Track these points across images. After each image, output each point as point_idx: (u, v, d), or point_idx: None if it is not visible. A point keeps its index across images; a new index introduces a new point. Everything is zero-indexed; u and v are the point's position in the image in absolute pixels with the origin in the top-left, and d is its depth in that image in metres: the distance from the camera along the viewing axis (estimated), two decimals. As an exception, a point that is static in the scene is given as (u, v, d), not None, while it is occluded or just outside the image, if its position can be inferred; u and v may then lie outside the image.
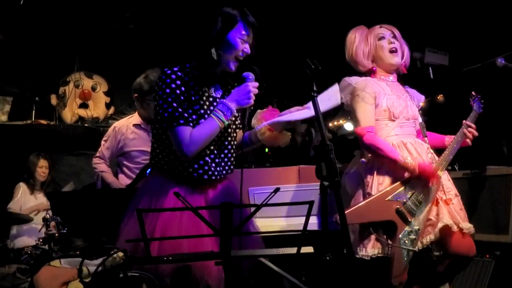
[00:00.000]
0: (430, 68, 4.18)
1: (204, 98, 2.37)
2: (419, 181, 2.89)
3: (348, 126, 6.70)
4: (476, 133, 3.06)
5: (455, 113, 4.40)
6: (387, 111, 2.98)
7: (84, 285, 2.26)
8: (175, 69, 2.31)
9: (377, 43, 3.09)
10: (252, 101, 2.36)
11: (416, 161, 2.88)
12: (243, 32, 2.36)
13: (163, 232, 2.26)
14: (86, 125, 5.72)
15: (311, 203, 1.89)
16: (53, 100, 5.73)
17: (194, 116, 2.31)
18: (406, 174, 2.91)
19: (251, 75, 2.39)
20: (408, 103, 3.06)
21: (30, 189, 5.05)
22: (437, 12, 4.87)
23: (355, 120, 3.04)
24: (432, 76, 4.09)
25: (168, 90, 2.27)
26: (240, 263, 2.38)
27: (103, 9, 5.54)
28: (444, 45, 4.77)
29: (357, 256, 2.85)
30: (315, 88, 2.06)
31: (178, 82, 2.28)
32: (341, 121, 6.76)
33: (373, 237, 2.84)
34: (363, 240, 2.87)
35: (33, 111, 5.55)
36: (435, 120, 3.24)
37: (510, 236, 3.66)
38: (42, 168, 5.07)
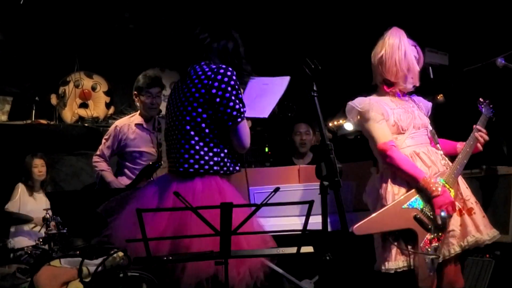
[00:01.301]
0: (430, 68, 4.17)
1: None
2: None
3: (348, 126, 6.69)
4: (487, 138, 3.03)
5: (455, 113, 4.41)
6: (395, 125, 2.95)
7: (84, 285, 2.26)
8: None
9: (412, 62, 3.00)
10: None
11: (440, 188, 2.81)
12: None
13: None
14: (86, 125, 5.71)
15: (311, 203, 1.89)
16: (53, 100, 5.72)
17: None
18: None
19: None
20: (416, 113, 3.03)
21: (29, 190, 5.03)
22: (437, 12, 4.86)
23: (371, 139, 2.98)
24: (432, 76, 4.09)
25: (237, 87, 2.41)
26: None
27: (103, 9, 5.54)
28: (444, 45, 4.76)
29: (382, 271, 2.81)
30: (315, 88, 2.06)
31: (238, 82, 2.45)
32: (341, 121, 6.76)
33: (394, 249, 2.80)
34: (385, 254, 2.82)
35: (33, 111, 5.54)
36: (436, 120, 3.23)
37: (510, 236, 3.66)
38: (37, 167, 5.01)
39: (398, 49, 2.97)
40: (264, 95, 2.62)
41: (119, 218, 2.37)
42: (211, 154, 2.40)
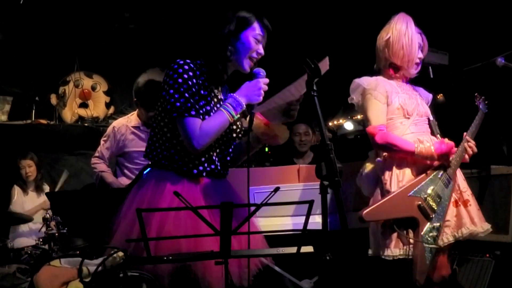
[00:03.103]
0: (430, 67, 4.17)
1: (212, 96, 2.36)
2: (438, 175, 2.91)
3: (348, 126, 6.70)
4: (475, 150, 3.06)
5: (455, 113, 4.40)
6: (400, 109, 2.98)
7: (84, 285, 2.26)
8: (188, 61, 2.29)
9: (416, 48, 3.05)
10: (261, 98, 2.33)
11: (431, 144, 2.89)
12: (257, 32, 2.37)
13: (159, 229, 2.21)
14: (86, 124, 5.71)
15: (311, 203, 1.88)
16: (53, 100, 5.72)
17: (202, 110, 2.29)
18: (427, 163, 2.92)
19: (262, 71, 2.37)
20: (419, 101, 3.07)
21: (24, 190, 5.04)
22: (437, 12, 4.86)
23: (366, 119, 3.01)
24: (432, 76, 4.09)
25: (180, 80, 2.24)
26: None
27: (103, 9, 5.54)
28: (444, 45, 4.76)
29: (382, 257, 2.86)
30: (315, 88, 2.05)
31: (191, 74, 2.26)
32: (341, 121, 6.76)
33: (395, 237, 2.83)
34: (386, 240, 2.86)
35: (33, 111, 5.54)
36: (435, 120, 3.24)
37: (510, 236, 3.66)
38: (24, 169, 5.01)
39: (405, 34, 3.01)
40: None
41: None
42: (164, 147, 2.34)
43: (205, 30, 2.40)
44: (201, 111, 2.28)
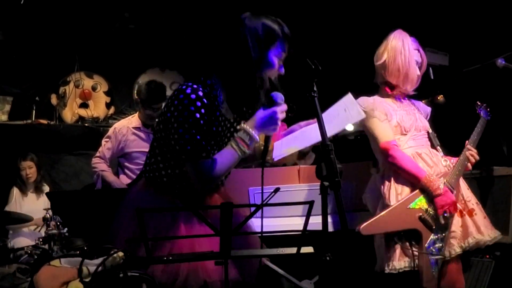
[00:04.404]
0: (430, 68, 4.17)
1: (222, 123, 2.20)
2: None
3: (348, 127, 6.68)
4: (477, 158, 3.05)
5: (455, 114, 4.40)
6: (397, 126, 2.97)
7: (84, 285, 2.26)
8: (200, 93, 2.05)
9: (414, 67, 3.01)
10: (278, 130, 2.17)
11: (443, 186, 2.83)
12: (281, 50, 2.14)
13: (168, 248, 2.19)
14: (86, 125, 5.72)
15: (311, 203, 1.88)
16: (53, 100, 5.73)
17: (212, 149, 2.16)
18: None
19: (280, 97, 2.15)
20: (417, 116, 3.06)
21: (23, 192, 5.03)
22: (437, 12, 4.86)
23: (373, 138, 2.99)
24: (432, 77, 4.09)
25: (191, 120, 2.04)
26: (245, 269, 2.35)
27: (103, 9, 5.54)
28: (444, 45, 4.77)
29: (386, 272, 2.81)
30: (315, 88, 2.05)
31: (203, 111, 2.05)
32: (341, 121, 6.75)
33: (398, 250, 2.80)
34: (389, 254, 2.82)
35: (33, 111, 5.54)
36: (436, 121, 3.24)
37: (510, 236, 3.66)
38: (25, 170, 5.00)
39: (400, 53, 2.98)
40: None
41: None
42: (164, 165, 2.22)
43: (224, 45, 2.09)
44: (210, 149, 2.12)
